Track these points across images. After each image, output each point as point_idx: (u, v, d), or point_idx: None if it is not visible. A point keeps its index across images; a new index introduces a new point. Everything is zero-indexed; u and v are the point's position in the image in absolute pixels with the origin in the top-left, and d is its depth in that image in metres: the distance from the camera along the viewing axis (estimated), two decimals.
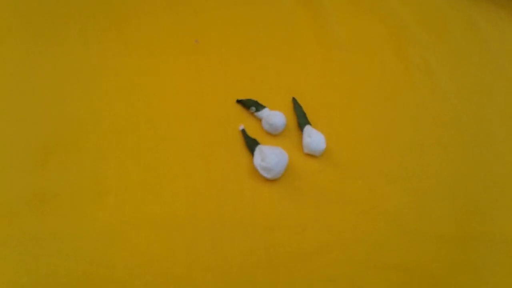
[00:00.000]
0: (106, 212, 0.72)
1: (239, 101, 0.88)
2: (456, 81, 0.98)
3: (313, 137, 0.81)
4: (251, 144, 0.81)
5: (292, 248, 0.73)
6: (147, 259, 0.69)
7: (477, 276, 0.74)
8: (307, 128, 0.83)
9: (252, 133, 0.83)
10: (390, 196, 0.80)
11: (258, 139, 0.82)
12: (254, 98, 0.87)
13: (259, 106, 0.85)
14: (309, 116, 0.87)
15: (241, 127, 0.84)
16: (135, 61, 0.90)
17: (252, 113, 0.86)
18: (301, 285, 0.70)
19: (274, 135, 0.85)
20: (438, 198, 0.81)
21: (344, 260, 0.73)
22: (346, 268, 0.72)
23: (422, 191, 0.81)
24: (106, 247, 0.69)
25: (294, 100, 0.89)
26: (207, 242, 0.72)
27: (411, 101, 0.93)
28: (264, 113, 0.85)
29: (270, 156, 0.76)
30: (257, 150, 0.79)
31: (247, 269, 0.70)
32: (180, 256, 0.70)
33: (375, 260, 0.73)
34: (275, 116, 0.83)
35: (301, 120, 0.86)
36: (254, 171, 0.79)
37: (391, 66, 0.98)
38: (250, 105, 0.86)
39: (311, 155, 0.83)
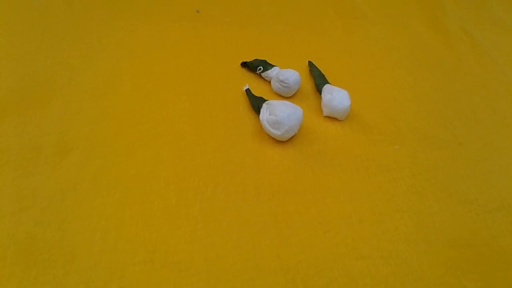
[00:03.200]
0: (67, 169, 0.56)
1: (244, 64, 0.74)
2: (503, 50, 0.82)
3: (335, 94, 0.65)
4: (256, 103, 0.66)
5: (309, 217, 0.54)
6: (113, 223, 0.51)
7: None
8: (327, 86, 0.68)
9: (259, 96, 0.68)
10: (437, 163, 0.62)
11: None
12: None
13: (267, 65, 0.71)
14: (329, 79, 0.71)
15: (246, 86, 0.69)
16: (125, 26, 0.79)
17: (259, 75, 0.71)
18: (324, 263, 0.50)
19: (286, 97, 0.69)
20: (498, 167, 0.62)
21: (381, 233, 0.54)
22: (384, 243, 0.53)
23: (479, 159, 0.63)
24: (60, 207, 0.53)
25: (310, 63, 0.74)
26: (195, 208, 0.54)
27: (454, 70, 0.78)
28: (274, 71, 0.70)
29: (280, 108, 0.60)
30: (264, 106, 0.63)
31: (247, 243, 0.52)
32: (158, 221, 0.52)
33: (424, 234, 0.54)
34: (287, 72, 0.68)
35: (319, 80, 0.70)
36: (260, 133, 0.63)
37: (424, 37, 0.84)
38: (256, 65, 0.71)
39: (332, 118, 0.67)
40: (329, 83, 0.69)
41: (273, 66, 0.71)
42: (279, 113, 0.60)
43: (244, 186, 0.57)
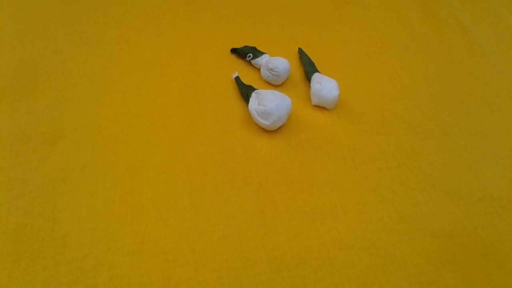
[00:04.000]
0: (56, 158, 0.57)
1: (233, 50, 0.74)
2: (495, 40, 0.83)
3: (324, 84, 0.65)
4: (245, 91, 0.66)
5: (294, 208, 0.56)
6: (101, 213, 0.52)
7: None
8: (316, 75, 0.68)
9: (249, 84, 0.68)
10: (422, 153, 0.63)
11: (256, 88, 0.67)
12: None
13: (257, 53, 0.71)
14: (319, 67, 0.72)
15: (235, 74, 0.69)
16: (113, 9, 0.79)
17: (248, 62, 0.71)
18: (308, 253, 0.52)
19: (275, 85, 0.70)
20: (484, 157, 0.63)
21: (365, 223, 0.55)
22: (368, 233, 0.54)
23: (463, 149, 0.64)
24: (50, 197, 0.53)
25: (300, 50, 0.74)
26: (184, 198, 0.55)
27: (444, 58, 0.78)
28: (264, 59, 0.70)
29: (269, 97, 0.61)
30: (253, 95, 0.63)
31: (235, 233, 0.53)
32: (147, 212, 0.53)
33: (406, 224, 0.55)
34: (277, 60, 0.68)
35: (309, 68, 0.71)
36: (249, 121, 0.64)
37: (416, 24, 0.84)
38: (246, 52, 0.71)
39: (320, 108, 0.67)
40: (318, 72, 0.70)
41: (263, 53, 0.71)
42: (268, 103, 0.60)
43: (232, 176, 0.58)
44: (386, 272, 0.51)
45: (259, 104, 0.61)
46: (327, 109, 0.67)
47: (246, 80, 0.69)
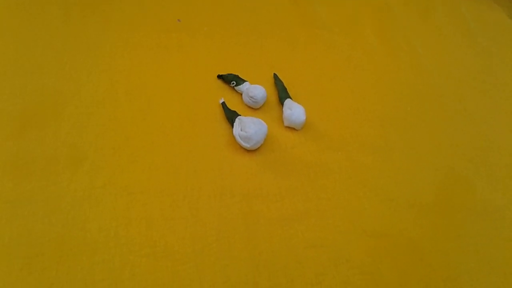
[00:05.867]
0: (82, 177, 0.71)
1: (219, 76, 0.88)
2: (437, 61, 0.99)
3: (294, 110, 0.81)
4: (231, 116, 0.81)
5: (270, 215, 0.72)
6: (122, 223, 0.68)
7: (458, 244, 0.73)
8: (288, 101, 0.83)
9: (232, 107, 0.83)
10: (369, 166, 0.80)
11: (239, 112, 0.82)
12: (236, 73, 0.87)
13: (239, 80, 0.86)
14: (290, 92, 0.87)
15: (221, 100, 0.84)
16: (117, 38, 0.90)
17: (232, 88, 0.86)
18: (280, 251, 0.69)
19: (254, 108, 0.85)
20: (418, 169, 0.81)
21: (323, 226, 0.72)
22: (325, 234, 0.71)
23: (403, 162, 0.81)
24: (80, 211, 0.68)
25: (275, 76, 0.89)
26: (184, 209, 0.71)
27: (394, 78, 0.94)
28: (245, 86, 0.85)
29: (249, 125, 0.76)
30: (237, 121, 0.79)
31: (224, 237, 0.69)
32: (157, 221, 0.69)
33: (354, 226, 0.73)
34: (256, 89, 0.83)
35: (282, 94, 0.86)
36: (234, 142, 0.79)
37: (373, 47, 0.99)
38: (230, 80, 0.86)
39: (291, 128, 0.83)
40: (290, 98, 0.85)
41: (244, 81, 0.86)
42: (249, 130, 0.76)
43: (221, 190, 0.74)
44: (337, 265, 0.68)
45: (241, 130, 0.77)
46: (297, 130, 0.83)
47: (230, 104, 0.84)
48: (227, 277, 0.65)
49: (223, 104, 0.83)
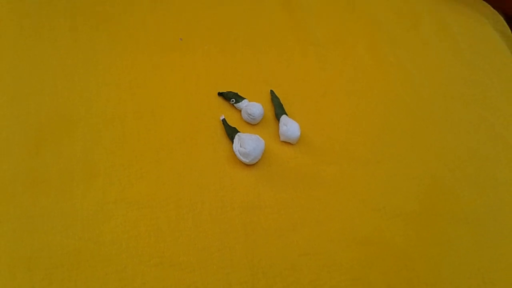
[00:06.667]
0: (95, 193, 0.78)
1: (220, 94, 0.94)
2: (425, 74, 1.05)
3: (289, 126, 0.87)
4: (231, 132, 0.87)
5: (268, 226, 0.79)
6: (132, 235, 0.75)
7: (441, 251, 0.80)
8: (283, 118, 0.90)
9: (232, 123, 0.89)
10: (360, 178, 0.86)
11: (238, 128, 0.88)
12: (235, 90, 0.94)
13: (238, 98, 0.92)
14: (286, 107, 0.93)
15: (222, 117, 0.90)
16: (123, 57, 0.96)
17: (232, 105, 0.92)
18: (277, 259, 0.76)
19: (252, 124, 0.91)
20: (405, 180, 0.87)
21: (317, 235, 0.79)
22: (318, 242, 0.78)
23: (390, 174, 0.88)
24: (95, 224, 0.75)
25: (272, 92, 0.96)
26: (189, 221, 0.78)
27: (382, 92, 1.00)
28: (243, 104, 0.91)
29: (248, 142, 0.82)
30: (236, 138, 0.85)
31: (226, 247, 0.76)
32: (164, 233, 0.76)
33: (345, 235, 0.79)
34: (254, 107, 0.89)
35: (278, 110, 0.92)
36: (234, 157, 0.85)
37: (364, 61, 1.05)
38: (230, 97, 0.92)
39: (287, 143, 0.89)
40: (285, 114, 0.91)
41: (243, 98, 0.92)
42: (247, 146, 0.82)
43: (222, 203, 0.80)
44: (329, 271, 0.75)
45: (240, 146, 0.83)
46: (292, 144, 0.89)
47: (230, 120, 0.90)
48: (229, 283, 0.72)
49: (223, 120, 0.89)
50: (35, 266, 0.70)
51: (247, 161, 0.83)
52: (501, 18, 1.20)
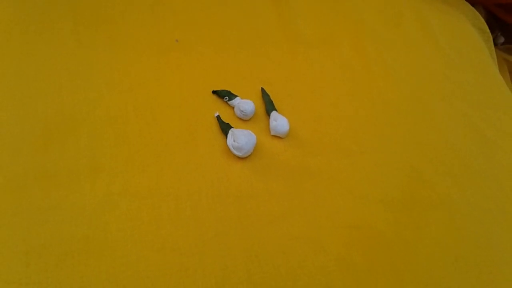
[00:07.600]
0: (100, 186, 0.84)
1: (214, 92, 1.01)
2: (406, 70, 1.12)
3: (279, 121, 0.94)
4: (225, 128, 0.94)
5: (260, 213, 0.86)
6: (136, 224, 0.81)
7: (418, 234, 0.87)
8: (273, 113, 0.97)
9: (226, 119, 0.96)
10: (345, 168, 0.93)
11: (231, 124, 0.95)
12: (228, 89, 1.00)
13: (231, 96, 0.99)
14: (276, 103, 1.00)
15: (216, 114, 0.97)
16: (123, 58, 1.02)
17: (226, 102, 0.99)
18: (269, 244, 0.83)
19: (245, 120, 0.98)
20: (387, 169, 0.94)
21: (305, 221, 0.86)
22: (307, 228, 0.85)
23: (373, 164, 0.95)
24: (101, 215, 0.82)
25: (263, 90, 1.02)
26: (188, 210, 0.84)
27: (367, 88, 1.07)
28: (236, 101, 0.98)
29: (241, 137, 0.89)
30: (230, 133, 0.92)
31: (222, 232, 0.83)
32: (165, 221, 0.83)
33: (331, 220, 0.86)
34: (246, 104, 0.96)
35: (269, 107, 0.99)
36: (228, 151, 0.92)
37: (349, 59, 1.12)
38: (224, 95, 0.99)
39: (277, 137, 0.96)
40: (275, 110, 0.98)
41: (235, 96, 0.98)
42: (240, 141, 0.89)
43: (218, 193, 0.87)
44: (317, 256, 0.82)
45: (234, 141, 0.90)
46: (282, 138, 0.96)
47: (224, 116, 0.97)
48: (225, 265, 0.79)
49: (218, 117, 0.96)
50: (48, 253, 0.77)
51: (240, 154, 0.90)
52: (479, 15, 1.27)
